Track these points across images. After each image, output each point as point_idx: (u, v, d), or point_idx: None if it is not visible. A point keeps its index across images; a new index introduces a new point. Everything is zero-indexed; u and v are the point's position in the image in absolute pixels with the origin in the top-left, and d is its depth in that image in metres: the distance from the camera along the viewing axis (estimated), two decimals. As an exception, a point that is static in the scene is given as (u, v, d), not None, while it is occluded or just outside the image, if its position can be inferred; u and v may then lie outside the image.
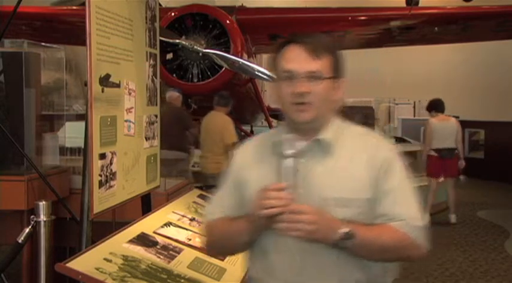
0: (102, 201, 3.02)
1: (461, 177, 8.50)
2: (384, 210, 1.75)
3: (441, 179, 8.44)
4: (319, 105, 1.75)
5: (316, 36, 1.81)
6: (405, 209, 1.76)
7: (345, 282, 1.76)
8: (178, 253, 3.07)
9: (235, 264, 2.99)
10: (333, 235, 1.64)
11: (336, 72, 1.79)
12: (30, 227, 3.32)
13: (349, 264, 1.74)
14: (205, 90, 8.13)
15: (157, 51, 3.91)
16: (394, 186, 1.77)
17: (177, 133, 7.68)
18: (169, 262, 2.91)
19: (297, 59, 1.74)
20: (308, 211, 1.62)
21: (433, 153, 8.15)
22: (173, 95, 8.04)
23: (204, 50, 7.77)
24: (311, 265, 1.74)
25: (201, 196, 4.20)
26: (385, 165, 1.78)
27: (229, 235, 1.83)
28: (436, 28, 10.16)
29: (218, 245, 1.94)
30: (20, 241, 3.31)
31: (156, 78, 3.87)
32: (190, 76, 8.52)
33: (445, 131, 8.11)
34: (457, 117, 8.93)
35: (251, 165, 1.85)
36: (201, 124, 7.86)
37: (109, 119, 3.08)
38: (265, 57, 12.03)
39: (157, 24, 3.92)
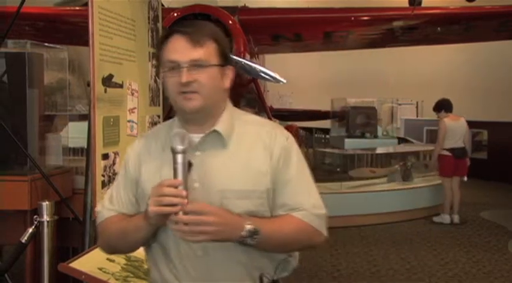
0: (105, 201, 3.02)
1: (465, 177, 8.52)
2: (284, 200, 1.74)
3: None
4: (206, 93, 1.71)
5: (198, 25, 1.78)
6: (306, 198, 1.75)
7: (252, 270, 1.74)
8: (181, 253, 3.07)
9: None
10: (237, 234, 1.61)
11: (222, 59, 1.75)
12: (33, 227, 3.33)
13: (255, 253, 1.72)
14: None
15: (160, 52, 3.91)
16: (293, 176, 1.76)
17: None
18: (172, 262, 2.91)
19: (180, 48, 1.71)
20: (210, 211, 1.58)
21: (445, 152, 8.15)
22: None
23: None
24: (215, 257, 1.70)
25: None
26: (283, 155, 1.76)
27: (125, 232, 1.76)
28: (438, 28, 10.15)
29: (113, 242, 1.85)
30: (23, 241, 3.32)
31: (158, 78, 3.88)
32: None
33: (457, 130, 8.14)
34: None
35: (146, 160, 1.81)
36: None
37: (112, 119, 3.09)
38: (268, 57, 12.04)
39: (159, 25, 3.92)
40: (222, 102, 1.80)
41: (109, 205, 1.86)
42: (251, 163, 1.73)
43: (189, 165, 1.64)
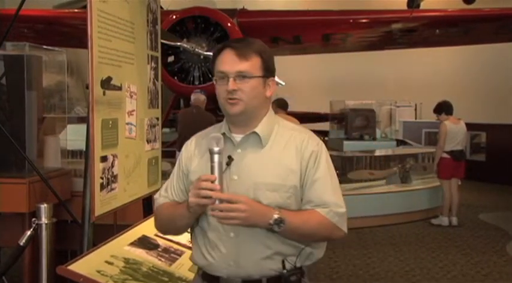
0: (103, 203, 3.02)
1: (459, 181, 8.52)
2: (310, 197, 2.00)
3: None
4: (248, 100, 1.98)
5: (246, 41, 2.05)
6: (329, 197, 2.00)
7: (275, 254, 1.98)
8: (180, 255, 3.07)
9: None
10: (264, 221, 1.89)
11: (265, 72, 2.02)
12: (31, 230, 3.32)
13: (278, 239, 1.96)
14: (207, 93, 8.14)
15: (158, 54, 3.92)
16: (320, 176, 2.00)
17: None
18: (170, 265, 2.91)
19: (229, 61, 1.99)
20: (241, 200, 1.86)
21: (445, 155, 8.15)
22: (200, 97, 7.91)
23: (206, 53, 7.79)
24: (244, 239, 1.96)
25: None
26: (312, 158, 2.01)
27: (173, 218, 2.08)
28: (437, 31, 10.18)
29: (165, 226, 2.19)
30: (21, 244, 3.31)
31: (157, 81, 3.88)
32: (191, 79, 8.54)
33: (458, 133, 8.13)
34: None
35: (194, 156, 2.10)
36: None
37: (110, 122, 3.08)
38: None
39: (158, 27, 3.92)
40: (263, 109, 2.07)
41: (164, 193, 2.18)
42: (283, 161, 2.00)
43: (230, 160, 1.96)
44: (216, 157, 1.88)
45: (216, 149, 1.88)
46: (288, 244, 1.98)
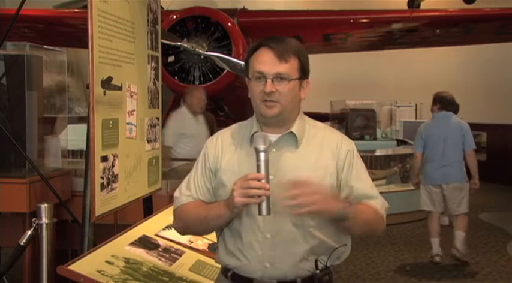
0: (104, 203, 3.02)
1: None
2: (358, 192, 2.01)
3: None
4: (285, 102, 1.97)
5: (285, 41, 2.01)
6: (372, 192, 2.04)
7: (310, 255, 1.97)
8: (180, 255, 3.07)
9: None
10: (339, 206, 1.88)
11: (302, 73, 2.01)
12: (32, 230, 3.32)
13: (316, 241, 1.97)
14: (207, 92, 8.14)
15: (159, 54, 3.91)
16: (361, 173, 2.06)
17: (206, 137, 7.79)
18: (171, 264, 2.91)
19: (268, 61, 1.96)
20: (320, 192, 1.83)
21: None
22: None
23: (206, 53, 7.78)
24: (282, 240, 1.95)
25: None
26: (349, 156, 2.04)
27: (205, 219, 1.99)
28: (437, 30, 10.17)
29: (191, 227, 2.10)
30: (22, 243, 3.31)
31: (157, 80, 3.88)
32: (192, 79, 8.53)
33: None
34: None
35: (223, 153, 2.05)
36: None
37: (111, 122, 3.08)
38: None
39: (159, 27, 3.92)
40: (296, 110, 2.07)
41: (186, 191, 2.09)
42: (319, 161, 1.99)
43: None
44: (262, 155, 1.86)
45: (262, 147, 1.86)
46: (325, 245, 2.00)
